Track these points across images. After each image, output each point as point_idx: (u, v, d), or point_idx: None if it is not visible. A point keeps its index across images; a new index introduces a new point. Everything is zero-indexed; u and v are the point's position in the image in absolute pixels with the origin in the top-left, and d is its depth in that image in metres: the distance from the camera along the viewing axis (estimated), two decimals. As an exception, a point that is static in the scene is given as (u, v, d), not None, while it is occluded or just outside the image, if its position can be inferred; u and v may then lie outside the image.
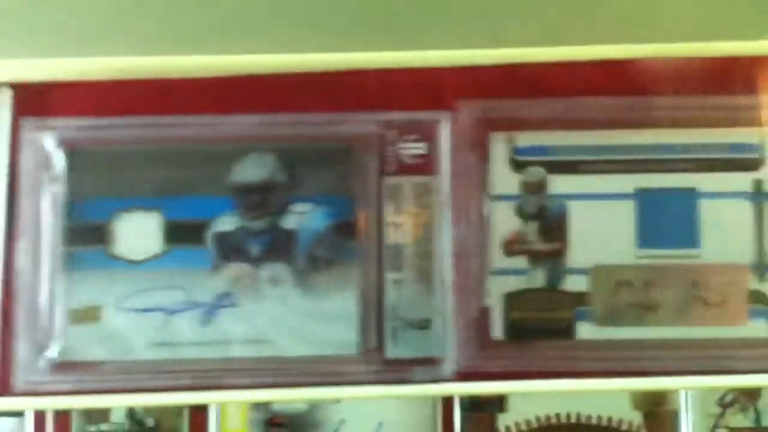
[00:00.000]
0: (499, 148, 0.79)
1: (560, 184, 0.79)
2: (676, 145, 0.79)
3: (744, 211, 0.78)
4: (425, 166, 0.79)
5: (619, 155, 0.79)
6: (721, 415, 1.34)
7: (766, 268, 0.78)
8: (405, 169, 0.79)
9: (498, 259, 0.78)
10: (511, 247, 0.79)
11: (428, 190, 0.78)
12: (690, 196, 0.79)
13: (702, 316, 0.77)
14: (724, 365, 0.76)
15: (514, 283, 0.78)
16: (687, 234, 0.78)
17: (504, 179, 0.79)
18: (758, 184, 0.78)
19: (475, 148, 0.79)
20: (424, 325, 0.77)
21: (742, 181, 0.78)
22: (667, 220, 0.78)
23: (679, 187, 0.79)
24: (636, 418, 1.34)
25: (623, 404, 1.35)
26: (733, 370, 0.76)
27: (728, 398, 1.32)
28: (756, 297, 0.78)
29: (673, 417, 1.32)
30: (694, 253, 0.78)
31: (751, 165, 0.79)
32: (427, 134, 0.79)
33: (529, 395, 1.29)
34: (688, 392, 1.30)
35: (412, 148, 0.79)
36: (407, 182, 0.79)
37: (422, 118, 0.79)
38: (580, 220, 0.79)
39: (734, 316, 0.77)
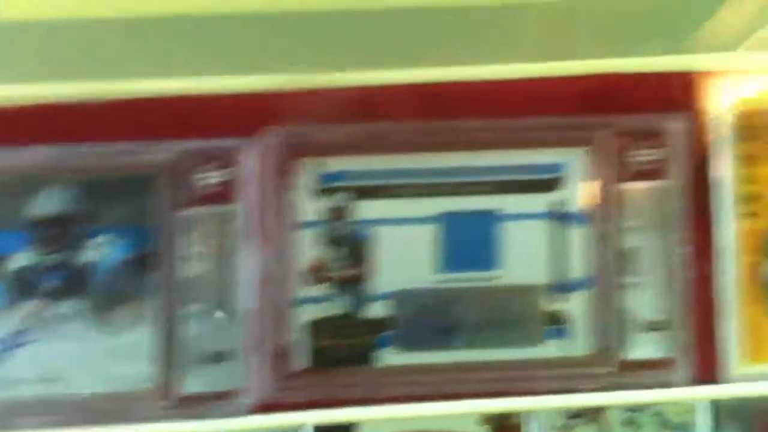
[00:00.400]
0: (304, 174, 0.79)
1: (366, 210, 0.79)
2: (479, 167, 0.79)
3: (542, 231, 0.79)
4: (226, 194, 0.78)
5: (424, 179, 0.79)
6: (569, 426, 1.36)
7: (562, 289, 0.78)
8: (205, 198, 0.77)
9: (302, 288, 0.78)
10: (315, 275, 0.78)
11: (229, 219, 0.77)
12: (491, 218, 0.79)
13: (500, 337, 0.78)
14: (521, 386, 0.77)
15: (317, 311, 0.78)
16: (488, 256, 0.79)
17: (309, 206, 0.79)
18: (555, 204, 0.79)
19: (278, 174, 0.78)
20: (223, 357, 0.76)
21: (540, 201, 0.79)
22: (469, 243, 0.79)
23: (480, 209, 0.79)
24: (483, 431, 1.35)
25: (470, 419, 1.36)
26: (530, 390, 0.77)
27: (575, 410, 1.34)
28: (552, 317, 0.79)
29: (520, 429, 1.33)
30: (494, 275, 0.78)
31: (549, 185, 0.79)
32: (229, 162, 0.78)
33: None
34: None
35: (213, 177, 0.78)
36: (207, 211, 0.77)
37: (224, 146, 0.78)
38: (384, 245, 0.79)
39: (531, 337, 0.78)
